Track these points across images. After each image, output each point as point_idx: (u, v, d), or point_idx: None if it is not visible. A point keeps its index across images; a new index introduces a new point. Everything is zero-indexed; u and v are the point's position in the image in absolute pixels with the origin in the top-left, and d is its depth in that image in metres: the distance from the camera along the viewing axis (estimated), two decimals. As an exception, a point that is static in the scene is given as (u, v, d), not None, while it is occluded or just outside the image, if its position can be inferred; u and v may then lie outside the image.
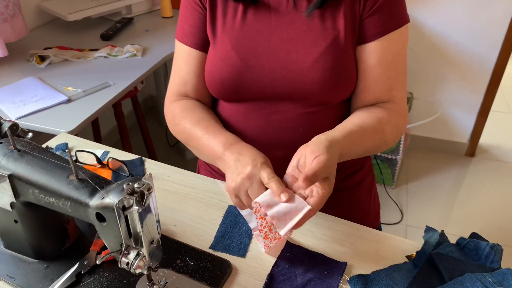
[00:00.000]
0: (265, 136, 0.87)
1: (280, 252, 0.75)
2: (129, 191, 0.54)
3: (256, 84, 0.83)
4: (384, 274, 0.70)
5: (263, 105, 0.85)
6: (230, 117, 0.90)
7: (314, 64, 0.80)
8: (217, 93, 0.88)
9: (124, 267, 0.58)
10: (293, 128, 0.85)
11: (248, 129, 0.88)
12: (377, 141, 0.82)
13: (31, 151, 0.66)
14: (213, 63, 0.85)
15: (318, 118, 0.85)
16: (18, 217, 0.69)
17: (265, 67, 0.82)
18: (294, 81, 0.81)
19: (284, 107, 0.84)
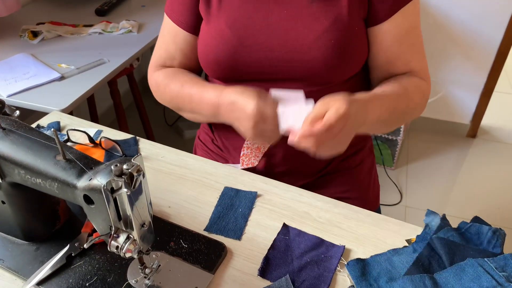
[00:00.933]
0: None
1: (276, 235, 0.73)
2: (117, 172, 0.52)
3: (253, 64, 0.79)
4: (383, 259, 0.68)
5: (263, 85, 0.82)
6: None
7: (315, 43, 0.76)
8: (213, 74, 0.85)
9: (113, 251, 0.56)
10: None
11: None
12: (403, 105, 0.79)
13: (16, 129, 0.63)
14: (207, 43, 0.82)
15: (321, 97, 0.81)
16: (6, 198, 0.67)
17: (263, 46, 0.78)
18: (294, 60, 0.77)
19: (285, 86, 0.81)
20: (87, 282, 0.65)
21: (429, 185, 2.14)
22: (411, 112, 0.82)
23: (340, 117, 0.64)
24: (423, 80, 0.83)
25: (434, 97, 2.27)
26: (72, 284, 0.65)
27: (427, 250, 0.67)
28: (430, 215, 0.73)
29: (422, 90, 0.83)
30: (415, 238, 0.71)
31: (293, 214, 0.77)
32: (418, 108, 0.83)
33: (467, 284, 0.61)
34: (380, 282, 0.64)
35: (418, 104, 0.82)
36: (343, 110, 0.64)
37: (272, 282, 0.66)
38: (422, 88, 0.82)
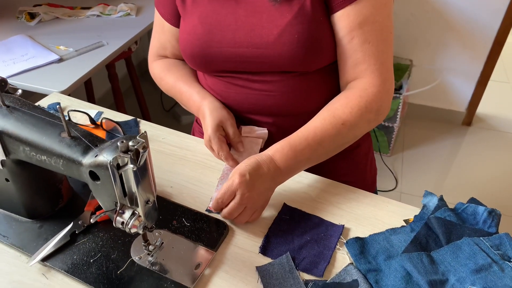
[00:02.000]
0: (248, 104, 0.86)
1: (277, 214, 0.74)
2: (123, 149, 0.52)
3: (224, 59, 0.81)
4: (381, 238, 0.70)
5: (241, 76, 0.84)
6: (212, 86, 0.88)
7: (280, 38, 0.75)
8: (192, 66, 0.88)
9: (118, 226, 0.57)
10: (275, 95, 0.83)
11: (230, 98, 0.86)
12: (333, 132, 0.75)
13: (20, 107, 0.63)
14: (183, 38, 0.85)
15: (300, 84, 0.82)
16: (10, 176, 0.67)
17: (231, 42, 0.79)
18: (261, 55, 0.78)
19: (261, 77, 0.82)
20: (91, 258, 0.66)
21: (424, 171, 2.16)
22: (348, 134, 0.76)
23: (227, 191, 0.69)
24: (371, 88, 0.75)
25: (430, 85, 2.28)
26: (76, 261, 0.66)
27: (425, 230, 0.69)
28: (427, 196, 0.75)
29: (370, 108, 0.75)
30: (412, 218, 0.72)
31: (293, 194, 0.78)
32: (360, 125, 0.76)
33: (463, 262, 0.62)
34: (378, 260, 0.66)
35: (357, 123, 0.75)
36: (233, 183, 0.69)
37: (273, 259, 0.67)
38: (370, 105, 0.75)
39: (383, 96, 0.77)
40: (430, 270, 0.62)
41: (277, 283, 0.64)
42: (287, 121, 0.86)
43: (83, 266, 0.65)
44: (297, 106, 0.84)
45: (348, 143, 0.79)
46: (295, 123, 0.86)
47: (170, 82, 0.91)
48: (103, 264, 0.66)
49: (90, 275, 0.64)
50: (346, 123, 0.75)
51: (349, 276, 0.64)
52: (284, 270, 0.65)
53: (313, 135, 0.74)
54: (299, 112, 0.85)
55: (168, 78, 0.92)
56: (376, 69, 0.76)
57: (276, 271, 0.65)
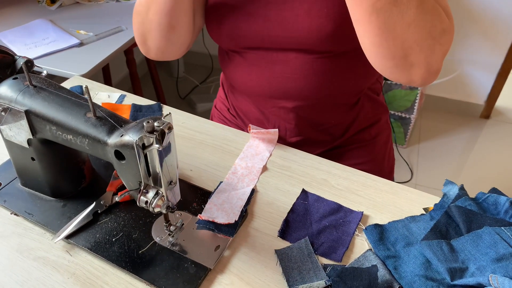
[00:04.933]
0: (269, 88, 0.85)
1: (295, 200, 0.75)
2: (149, 129, 0.53)
3: (252, 32, 0.80)
4: (400, 225, 0.70)
5: (264, 55, 0.82)
6: (235, 68, 0.88)
7: (309, 11, 0.74)
8: (217, 40, 0.86)
9: (142, 205, 0.58)
10: (297, 78, 0.82)
11: (253, 80, 0.86)
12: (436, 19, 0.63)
13: (47, 87, 0.64)
14: (210, 11, 0.83)
15: (323, 67, 0.81)
16: (35, 155, 0.69)
17: (260, 14, 0.78)
18: (290, 29, 0.77)
19: (285, 56, 0.81)
20: (113, 237, 0.68)
21: (440, 164, 2.14)
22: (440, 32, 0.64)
23: None
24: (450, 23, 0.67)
25: (449, 76, 2.25)
26: (99, 239, 0.67)
27: (445, 218, 0.68)
28: (448, 184, 0.74)
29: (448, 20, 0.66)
30: (432, 207, 0.72)
31: (311, 180, 0.79)
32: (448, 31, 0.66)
33: (483, 250, 0.62)
34: (397, 247, 0.66)
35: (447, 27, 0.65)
36: None
37: (292, 243, 0.68)
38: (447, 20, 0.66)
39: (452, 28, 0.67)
40: (450, 258, 0.62)
41: (296, 266, 0.64)
42: (309, 107, 0.86)
43: (105, 245, 0.67)
44: (320, 90, 0.83)
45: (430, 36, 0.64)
46: (317, 110, 0.86)
47: None
48: (125, 243, 0.67)
49: (112, 254, 0.65)
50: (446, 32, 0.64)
51: (368, 262, 0.65)
52: (303, 254, 0.66)
53: None
54: (321, 97, 0.84)
55: None
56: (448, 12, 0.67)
57: (295, 255, 0.66)
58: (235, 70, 0.88)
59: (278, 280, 0.63)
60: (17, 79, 0.65)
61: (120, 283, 0.63)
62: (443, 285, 0.60)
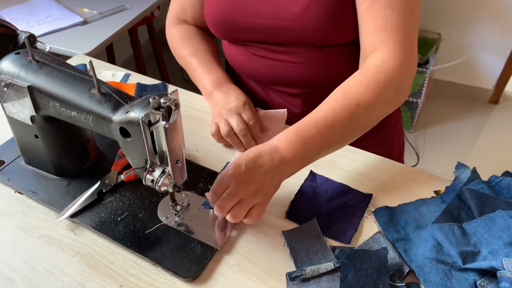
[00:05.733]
0: (273, 75, 0.84)
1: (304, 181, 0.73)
2: (155, 105, 0.51)
3: (247, 29, 0.79)
4: (411, 208, 0.68)
5: (264, 46, 0.81)
6: (236, 56, 0.87)
7: (305, 12, 0.72)
8: (214, 33, 0.86)
9: (148, 184, 0.57)
10: (299, 66, 0.81)
11: (254, 68, 0.85)
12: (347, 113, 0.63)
13: (50, 62, 0.63)
14: (208, 3, 0.82)
15: (325, 56, 0.79)
16: (39, 132, 0.67)
17: (255, 12, 0.77)
18: (284, 28, 0.75)
19: (285, 48, 0.80)
20: (118, 217, 0.67)
21: (447, 149, 2.12)
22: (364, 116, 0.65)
23: (220, 182, 0.60)
24: (384, 64, 0.66)
25: (458, 60, 2.20)
26: (104, 218, 0.67)
27: (457, 201, 0.67)
28: (460, 167, 0.73)
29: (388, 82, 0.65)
30: (443, 190, 0.70)
31: (320, 162, 0.76)
32: (377, 106, 0.65)
33: (496, 234, 0.61)
34: (407, 229, 0.65)
35: (374, 103, 0.64)
36: (226, 174, 0.60)
37: (300, 224, 0.67)
38: (378, 80, 0.64)
39: (404, 71, 0.66)
40: (462, 241, 0.61)
41: (304, 248, 0.63)
42: (315, 93, 0.84)
43: (110, 224, 0.66)
44: (325, 78, 0.82)
45: (365, 127, 0.67)
46: (323, 96, 0.84)
47: (184, 54, 0.88)
48: (130, 222, 0.66)
49: (117, 233, 0.64)
50: (361, 104, 0.63)
51: (377, 244, 0.63)
52: (311, 235, 0.65)
53: (322, 119, 0.62)
54: (327, 85, 0.83)
55: (182, 49, 0.89)
56: (398, 40, 0.66)
57: (303, 236, 0.65)
58: (236, 58, 0.87)
59: (286, 261, 0.62)
60: (20, 54, 0.64)
61: (126, 262, 0.62)
62: (455, 268, 0.59)
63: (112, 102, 0.57)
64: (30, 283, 0.59)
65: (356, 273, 0.58)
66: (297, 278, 0.59)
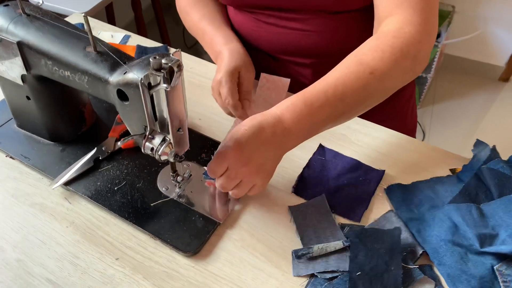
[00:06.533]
0: (281, 45, 0.78)
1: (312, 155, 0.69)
2: (156, 66, 0.46)
3: None
4: (425, 186, 0.64)
5: (272, 13, 0.76)
6: (242, 24, 0.81)
7: None
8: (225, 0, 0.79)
9: (147, 152, 0.53)
10: (310, 34, 0.75)
11: (261, 38, 0.79)
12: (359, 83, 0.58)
13: (42, 16, 0.57)
14: None
15: (337, 24, 0.74)
16: (31, 93, 0.63)
17: None
18: None
19: (295, 14, 0.74)
20: (115, 186, 0.63)
21: (453, 126, 2.07)
22: (377, 86, 0.59)
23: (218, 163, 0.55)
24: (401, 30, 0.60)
25: (470, 35, 2.12)
26: (100, 187, 0.63)
27: (475, 181, 0.63)
28: (479, 145, 0.69)
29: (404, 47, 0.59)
30: (460, 168, 0.66)
31: (329, 135, 0.73)
32: (393, 75, 0.59)
33: (517, 217, 0.57)
34: (421, 209, 0.61)
35: (389, 71, 0.58)
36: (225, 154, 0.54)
37: (307, 200, 0.63)
38: (394, 46, 0.58)
39: (422, 38, 0.60)
40: (480, 223, 0.57)
41: (311, 224, 0.60)
42: (326, 63, 0.79)
43: (107, 193, 0.62)
44: (337, 47, 0.76)
45: (378, 98, 0.61)
46: (334, 66, 0.79)
47: (195, 19, 0.81)
48: (128, 192, 0.62)
49: (114, 203, 0.61)
50: (375, 72, 0.57)
51: (389, 224, 0.60)
52: (319, 212, 0.61)
53: (333, 89, 0.57)
54: (339, 54, 0.77)
55: (193, 13, 0.82)
56: (416, 3, 0.60)
57: (310, 213, 0.61)
58: (243, 26, 0.81)
59: (292, 238, 0.59)
60: (8, 6, 0.58)
61: (122, 234, 0.59)
62: (471, 251, 0.55)
63: (109, 62, 0.52)
64: (22, 253, 0.56)
65: (366, 253, 0.54)
66: (303, 256, 0.55)
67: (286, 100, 0.58)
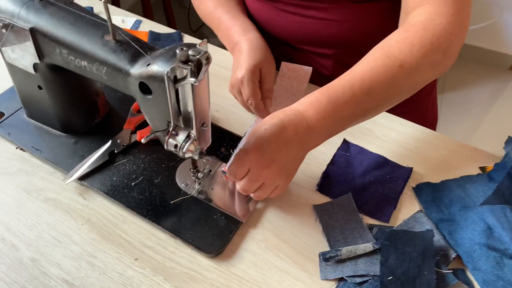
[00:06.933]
0: (302, 34, 0.75)
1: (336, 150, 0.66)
2: (183, 58, 0.43)
3: None
4: (455, 185, 0.62)
5: (294, 0, 0.72)
6: (261, 12, 0.77)
7: None
8: None
9: (170, 149, 0.50)
10: (333, 24, 0.71)
11: (280, 27, 0.75)
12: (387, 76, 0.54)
13: (55, 1, 0.53)
14: None
15: (362, 13, 0.70)
16: (43, 83, 0.59)
17: None
18: None
19: (316, 3, 0.70)
20: (132, 181, 0.60)
21: (462, 115, 2.05)
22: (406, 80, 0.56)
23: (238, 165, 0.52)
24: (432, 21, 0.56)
25: (483, 23, 2.08)
26: (116, 182, 0.60)
27: (508, 180, 0.60)
28: (510, 143, 0.66)
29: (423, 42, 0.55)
30: (491, 166, 0.64)
31: (354, 130, 0.69)
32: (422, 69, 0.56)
33: (554, 220, 0.55)
34: (452, 209, 0.59)
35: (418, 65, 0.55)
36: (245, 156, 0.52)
37: (332, 198, 0.60)
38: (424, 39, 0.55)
39: (454, 31, 0.56)
40: (515, 226, 0.55)
41: (337, 225, 0.57)
42: (348, 54, 0.75)
43: (123, 189, 0.59)
44: (360, 38, 0.72)
45: (405, 93, 0.58)
46: (357, 57, 0.75)
47: (210, 7, 0.76)
48: (145, 188, 0.59)
49: (131, 200, 0.58)
50: (404, 65, 0.54)
51: (419, 225, 0.57)
52: (346, 211, 0.59)
53: (360, 83, 0.53)
54: (362, 45, 0.73)
55: (208, 1, 0.77)
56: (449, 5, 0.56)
57: (336, 212, 0.59)
58: (261, 14, 0.77)
59: (318, 239, 0.56)
60: (20, -11, 0.54)
61: (141, 232, 0.56)
62: (507, 256, 0.53)
63: (129, 52, 0.49)
64: (36, 252, 0.54)
65: (398, 257, 0.52)
66: (331, 259, 0.53)
67: (309, 95, 0.55)
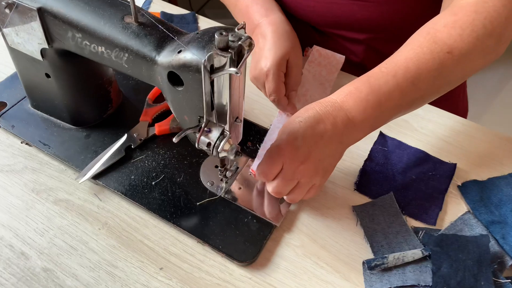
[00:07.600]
0: (332, 17, 0.68)
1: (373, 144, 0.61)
2: (222, 44, 0.37)
3: None
4: (503, 183, 0.57)
5: None
6: None
7: None
8: None
9: (202, 148, 0.44)
10: (368, 6, 0.65)
11: (310, 7, 0.69)
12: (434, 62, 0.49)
13: (66, -23, 0.47)
14: None
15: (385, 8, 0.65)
16: (51, 70, 0.53)
17: None
18: None
19: None
20: (152, 180, 0.54)
21: (470, 98, 2.00)
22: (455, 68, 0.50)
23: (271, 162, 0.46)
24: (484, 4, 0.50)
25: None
26: (134, 181, 0.54)
27: None
28: (561, 136, 0.61)
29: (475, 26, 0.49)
30: (541, 163, 0.59)
31: (389, 122, 0.64)
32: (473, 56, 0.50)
33: None
34: (502, 210, 0.54)
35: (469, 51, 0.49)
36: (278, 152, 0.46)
37: (372, 199, 0.55)
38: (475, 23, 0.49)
39: (510, 14, 0.50)
40: None
41: (380, 228, 0.52)
42: (383, 39, 0.69)
43: (143, 189, 0.54)
44: (396, 21, 0.66)
45: (453, 83, 0.52)
46: (391, 43, 0.69)
47: None
48: (167, 188, 0.54)
49: (153, 201, 0.52)
50: (454, 51, 0.48)
51: (468, 227, 0.52)
52: (388, 213, 0.53)
53: (404, 70, 0.48)
54: (398, 30, 0.67)
55: None
56: None
57: (378, 214, 0.53)
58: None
59: (360, 244, 0.51)
60: (24, -37, 0.47)
61: (164, 238, 0.51)
62: None
63: (155, 36, 0.43)
64: (49, 261, 0.48)
65: (451, 265, 0.47)
66: (377, 267, 0.48)
67: (347, 85, 0.49)
